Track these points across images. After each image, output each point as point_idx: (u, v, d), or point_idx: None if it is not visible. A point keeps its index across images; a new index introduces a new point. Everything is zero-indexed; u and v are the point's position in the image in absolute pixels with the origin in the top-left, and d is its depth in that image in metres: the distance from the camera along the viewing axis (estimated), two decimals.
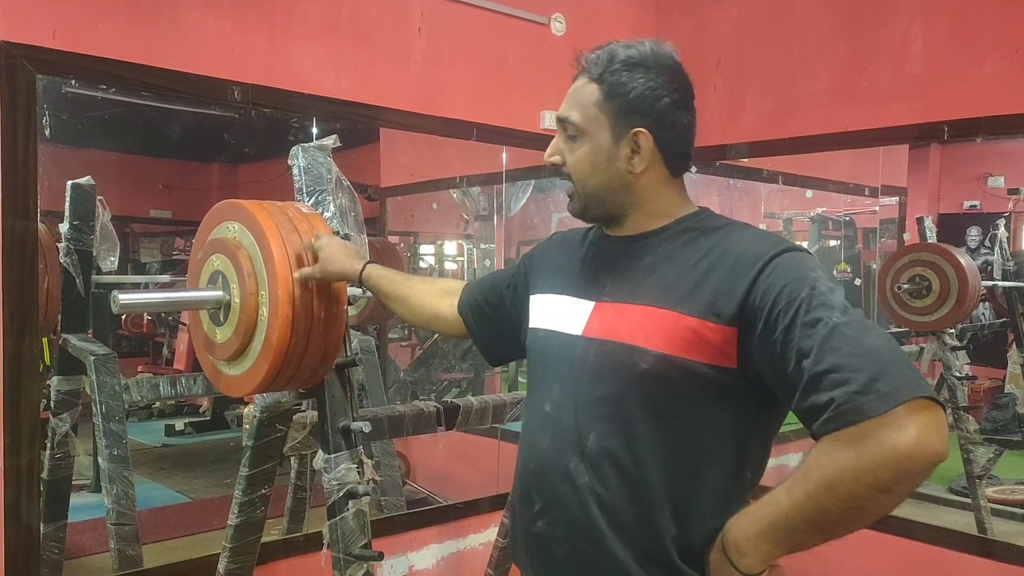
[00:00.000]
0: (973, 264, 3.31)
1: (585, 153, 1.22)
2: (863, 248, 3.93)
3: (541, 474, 1.23)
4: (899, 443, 0.91)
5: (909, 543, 2.64)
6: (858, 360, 0.95)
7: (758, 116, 3.00)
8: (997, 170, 3.71)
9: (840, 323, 0.98)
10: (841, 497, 0.95)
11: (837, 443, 0.95)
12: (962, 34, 2.50)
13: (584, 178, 1.23)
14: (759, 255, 1.09)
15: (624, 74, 1.20)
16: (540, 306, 1.34)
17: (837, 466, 0.94)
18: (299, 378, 1.65)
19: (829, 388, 0.96)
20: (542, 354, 1.30)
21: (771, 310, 1.04)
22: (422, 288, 1.58)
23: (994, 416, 3.71)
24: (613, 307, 1.20)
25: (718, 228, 1.19)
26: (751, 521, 1.05)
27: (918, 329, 3.42)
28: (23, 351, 1.93)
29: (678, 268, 1.16)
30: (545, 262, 1.40)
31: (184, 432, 4.84)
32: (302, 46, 2.36)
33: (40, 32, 1.94)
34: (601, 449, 1.16)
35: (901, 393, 0.92)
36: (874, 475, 0.92)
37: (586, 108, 1.21)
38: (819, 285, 1.03)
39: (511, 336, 1.47)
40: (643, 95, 1.20)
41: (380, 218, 3.83)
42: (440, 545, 2.78)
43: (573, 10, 2.98)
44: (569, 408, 1.20)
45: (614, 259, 1.25)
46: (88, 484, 3.15)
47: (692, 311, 1.10)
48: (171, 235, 5.33)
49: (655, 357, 1.12)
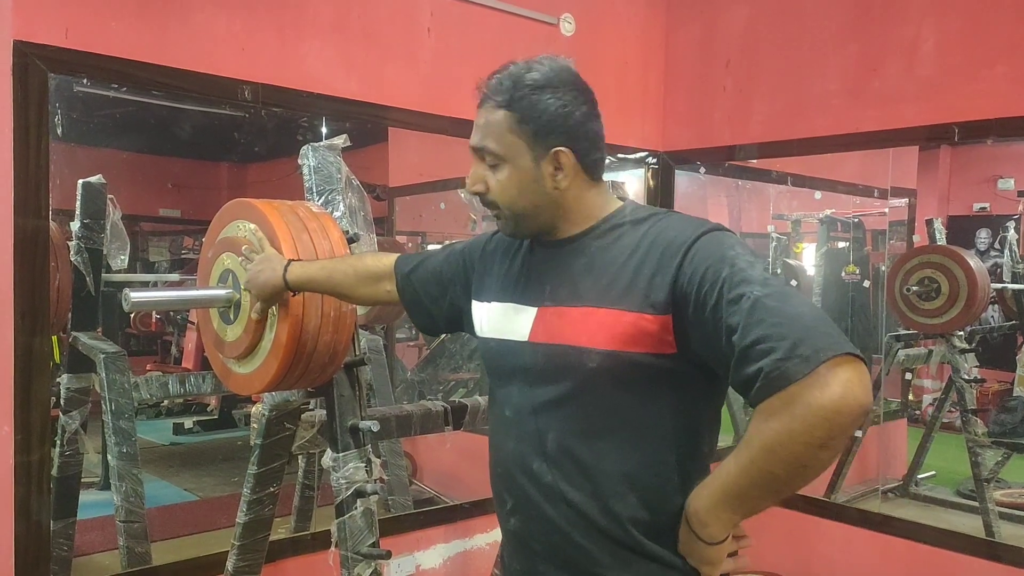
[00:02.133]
0: (982, 266, 3.31)
1: (508, 178, 1.24)
2: (872, 250, 3.92)
3: (508, 476, 1.28)
4: (824, 400, 0.96)
5: (916, 546, 2.63)
6: (781, 329, 1.00)
7: (767, 117, 2.99)
8: (1007, 172, 3.70)
9: (761, 295, 1.03)
10: (783, 459, 1.00)
11: (771, 409, 1.00)
12: (973, 35, 2.49)
13: (512, 201, 1.25)
14: (682, 241, 1.14)
15: (533, 97, 1.21)
16: (486, 315, 1.36)
17: (774, 431, 1.00)
18: (308, 377, 1.65)
19: (757, 359, 1.00)
20: (497, 362, 1.33)
21: (697, 292, 1.09)
22: (348, 279, 1.53)
23: (1003, 419, 3.70)
24: (555, 311, 1.23)
25: (644, 219, 1.23)
26: (707, 493, 1.11)
27: (927, 331, 3.42)
28: (34, 349, 1.93)
29: (611, 265, 1.20)
30: (485, 266, 1.41)
31: (192, 430, 4.87)
32: (312, 45, 2.37)
33: (52, 31, 1.95)
34: (561, 448, 1.20)
35: (821, 353, 0.97)
36: (809, 434, 0.97)
37: (501, 135, 1.23)
38: (738, 262, 1.08)
39: (450, 322, 1.50)
40: (556, 115, 1.21)
41: (388, 218, 3.84)
42: (447, 544, 2.79)
43: (583, 11, 2.98)
44: (527, 411, 1.25)
45: (550, 264, 1.28)
46: (97, 481, 3.17)
47: (629, 306, 1.15)
48: (180, 234, 5.36)
49: (600, 355, 1.16)
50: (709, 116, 3.15)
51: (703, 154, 3.19)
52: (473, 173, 1.27)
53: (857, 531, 2.68)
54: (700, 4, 3.18)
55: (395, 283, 1.52)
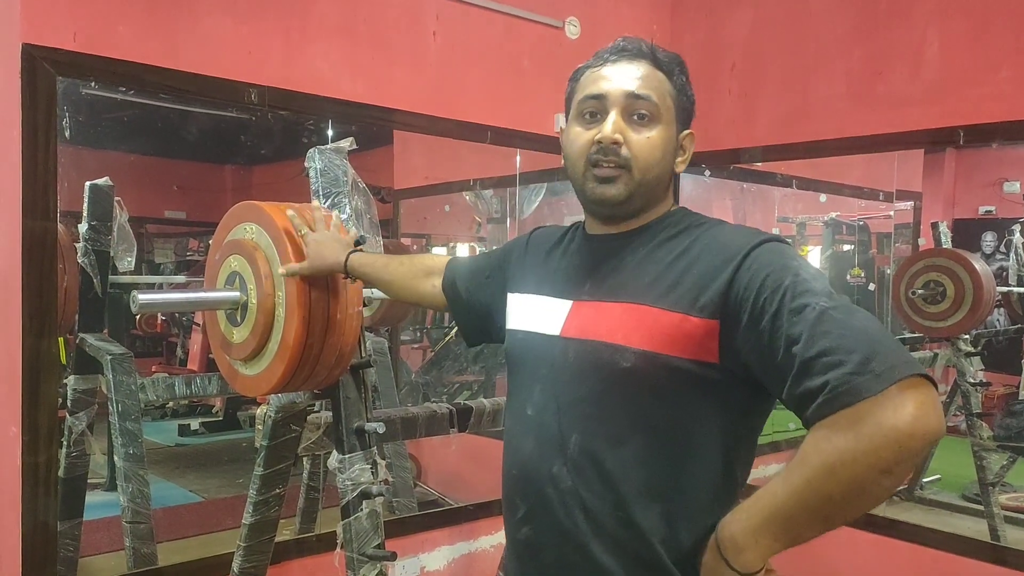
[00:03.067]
0: (988, 270, 3.30)
1: (660, 137, 1.18)
2: (877, 253, 3.92)
3: (524, 479, 1.21)
4: (898, 422, 0.89)
5: (921, 549, 2.62)
6: (850, 341, 0.94)
7: (772, 120, 2.99)
8: (1013, 175, 3.70)
9: (828, 307, 0.97)
10: (843, 481, 0.92)
11: (835, 426, 0.93)
12: (978, 38, 2.49)
13: (650, 164, 1.17)
14: (739, 247, 1.08)
15: (684, 77, 1.23)
16: (518, 306, 1.32)
17: (837, 450, 0.92)
18: (314, 379, 1.66)
19: (823, 371, 0.94)
20: (521, 356, 1.28)
21: (755, 300, 1.02)
22: (402, 272, 1.57)
23: (1008, 423, 3.69)
24: (592, 306, 1.18)
25: (697, 225, 1.19)
26: (746, 516, 1.02)
27: (932, 335, 3.41)
28: (41, 350, 1.94)
29: (657, 265, 1.15)
30: (523, 260, 1.38)
31: (198, 432, 4.88)
32: (318, 49, 2.38)
33: (60, 35, 1.96)
34: (584, 451, 1.14)
35: (896, 372, 0.91)
36: (876, 456, 0.90)
37: (662, 95, 1.19)
38: (802, 272, 1.03)
39: (485, 323, 1.47)
40: (693, 102, 1.24)
41: (393, 220, 3.85)
42: (451, 547, 2.79)
43: (588, 14, 2.99)
44: (551, 410, 1.18)
45: (594, 258, 1.23)
46: (103, 482, 3.18)
47: (672, 306, 1.09)
48: (185, 236, 5.37)
49: (636, 355, 1.10)
50: (714, 119, 3.15)
51: (708, 157, 3.19)
52: (614, 121, 1.17)
53: (862, 534, 2.68)
54: (705, 8, 3.19)
55: (442, 278, 1.52)
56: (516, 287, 1.35)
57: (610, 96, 1.18)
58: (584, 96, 1.21)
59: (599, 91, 1.19)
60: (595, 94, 1.20)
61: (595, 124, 1.19)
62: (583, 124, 1.21)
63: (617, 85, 1.18)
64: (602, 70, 1.21)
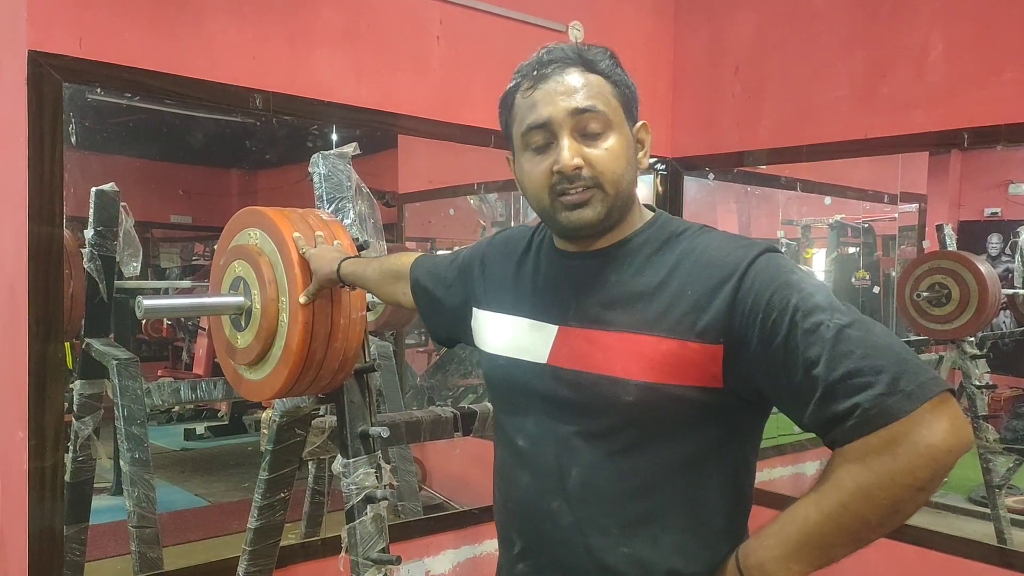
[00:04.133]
0: (993, 272, 3.29)
1: (619, 145, 1.09)
2: (882, 255, 3.91)
3: (522, 515, 1.16)
4: (934, 440, 0.89)
5: (927, 553, 2.62)
6: (875, 361, 0.91)
7: (776, 123, 2.99)
8: (1018, 177, 3.68)
9: (843, 324, 0.94)
10: (881, 503, 0.92)
11: (868, 449, 0.91)
12: (982, 40, 2.49)
13: (619, 175, 1.09)
14: (734, 264, 1.03)
15: (619, 69, 1.13)
16: (494, 327, 1.24)
17: (874, 472, 0.91)
18: (319, 383, 1.66)
19: (850, 394, 0.92)
20: (507, 384, 1.21)
21: (763, 323, 0.98)
22: (377, 277, 1.53)
23: (1014, 425, 3.67)
24: (582, 333, 1.10)
25: (679, 235, 1.12)
26: (776, 542, 0.99)
27: (937, 337, 3.40)
28: (48, 355, 1.95)
29: (647, 287, 1.08)
30: (490, 273, 1.29)
31: (203, 436, 4.88)
32: (322, 54, 2.39)
33: (66, 41, 1.97)
34: (586, 485, 1.09)
35: (926, 390, 0.90)
36: (912, 475, 0.90)
37: (607, 99, 1.09)
38: (803, 286, 0.99)
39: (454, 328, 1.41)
40: (634, 90, 1.14)
41: (398, 224, 3.85)
42: (456, 550, 2.79)
43: (591, 18, 2.99)
44: (547, 443, 1.12)
45: (574, 279, 1.15)
46: (109, 487, 3.18)
47: (669, 333, 1.03)
48: (191, 240, 5.38)
49: (638, 387, 1.04)
50: (718, 122, 3.15)
51: (712, 160, 3.19)
52: (569, 146, 1.07)
53: None
54: (708, 10, 3.19)
55: (409, 284, 1.48)
56: (487, 304, 1.28)
57: (554, 120, 1.08)
58: (526, 128, 1.11)
59: (541, 119, 1.09)
60: (537, 123, 1.09)
61: (548, 153, 1.10)
62: (534, 155, 1.11)
63: (558, 105, 1.08)
64: (535, 92, 1.10)
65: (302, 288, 1.58)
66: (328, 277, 1.56)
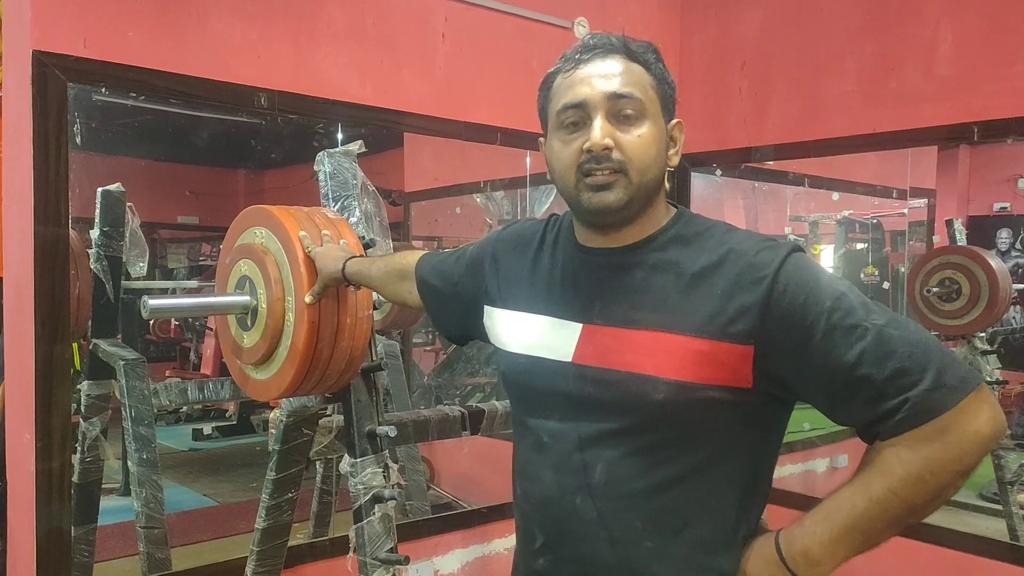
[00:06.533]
0: (1004, 267, 3.26)
1: (651, 134, 1.10)
2: (891, 251, 3.88)
3: (544, 510, 1.16)
4: (981, 427, 0.96)
5: (940, 550, 2.60)
6: (919, 359, 0.97)
7: (784, 118, 2.98)
8: None
9: (881, 325, 0.99)
10: (930, 488, 0.98)
11: (918, 439, 0.97)
12: (991, 33, 2.47)
13: (646, 164, 1.10)
14: (763, 265, 1.04)
15: (662, 64, 1.16)
16: (514, 326, 1.23)
17: (925, 459, 0.97)
18: (325, 382, 1.66)
19: (900, 391, 0.97)
20: (528, 383, 1.20)
21: (799, 326, 1.01)
22: (382, 276, 1.52)
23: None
24: (609, 332, 1.11)
25: (701, 233, 1.13)
26: (823, 529, 1.01)
27: (948, 333, 3.37)
28: (55, 356, 1.95)
29: (675, 283, 1.08)
30: (504, 269, 1.28)
31: (211, 436, 4.89)
32: (327, 52, 2.38)
33: (71, 41, 1.97)
34: (610, 481, 1.09)
35: (967, 383, 0.97)
36: (960, 461, 0.97)
37: (645, 88, 1.11)
38: (834, 288, 1.02)
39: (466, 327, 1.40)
40: (674, 89, 1.17)
41: (404, 223, 3.85)
42: (465, 550, 2.78)
43: (597, 14, 2.98)
44: (571, 440, 1.12)
45: (597, 275, 1.15)
46: (117, 487, 3.19)
47: (699, 332, 1.04)
48: (198, 241, 5.39)
49: (669, 386, 1.05)
50: (725, 118, 3.13)
51: (719, 156, 3.18)
52: (600, 126, 1.08)
53: None
54: (715, 6, 3.17)
55: (415, 284, 1.47)
56: (502, 301, 1.27)
57: (590, 101, 1.10)
58: (562, 106, 1.13)
59: (577, 98, 1.11)
60: (573, 102, 1.11)
61: (579, 132, 1.11)
62: (566, 134, 1.13)
63: (596, 87, 1.10)
64: (576, 73, 1.12)
65: (308, 287, 1.58)
66: (333, 276, 1.55)
